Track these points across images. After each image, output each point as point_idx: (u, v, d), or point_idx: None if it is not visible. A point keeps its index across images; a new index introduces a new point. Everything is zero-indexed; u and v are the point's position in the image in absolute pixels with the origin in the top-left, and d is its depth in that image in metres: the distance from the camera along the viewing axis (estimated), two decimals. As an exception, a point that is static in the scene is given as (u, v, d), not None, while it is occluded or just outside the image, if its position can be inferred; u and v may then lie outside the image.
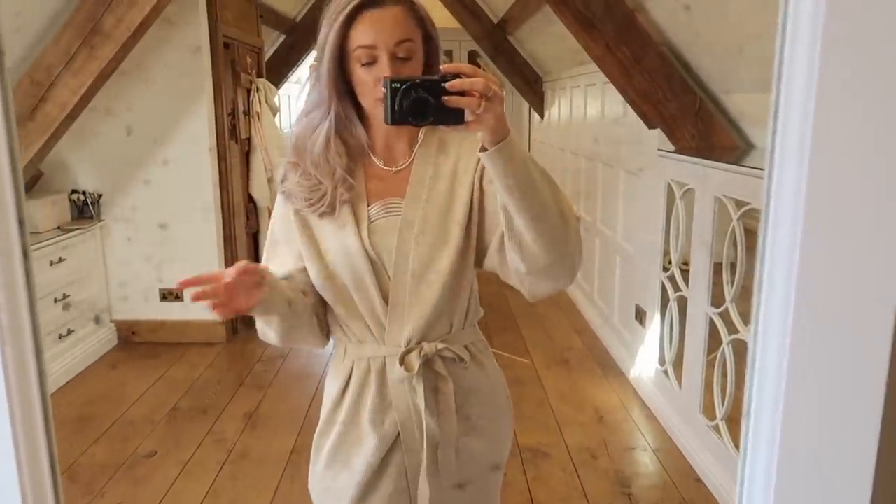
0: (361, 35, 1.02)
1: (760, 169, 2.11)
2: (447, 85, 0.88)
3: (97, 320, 3.68)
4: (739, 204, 2.27)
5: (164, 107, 3.68)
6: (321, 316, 1.18)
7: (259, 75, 4.43)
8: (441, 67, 0.92)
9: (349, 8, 1.02)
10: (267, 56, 5.03)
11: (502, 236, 1.04)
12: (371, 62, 1.03)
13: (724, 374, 2.35)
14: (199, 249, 3.83)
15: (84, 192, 3.71)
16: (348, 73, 1.06)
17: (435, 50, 1.10)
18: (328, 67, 1.05)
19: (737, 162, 2.38)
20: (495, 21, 5.27)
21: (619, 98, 3.03)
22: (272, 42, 5.34)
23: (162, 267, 3.85)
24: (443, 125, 0.92)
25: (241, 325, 4.05)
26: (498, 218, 1.05)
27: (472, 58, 6.74)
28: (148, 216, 3.80)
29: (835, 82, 0.41)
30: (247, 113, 4.15)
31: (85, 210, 3.72)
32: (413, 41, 1.04)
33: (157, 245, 3.83)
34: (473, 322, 1.19)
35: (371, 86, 1.04)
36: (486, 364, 1.20)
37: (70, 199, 3.69)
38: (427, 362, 1.11)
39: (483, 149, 0.92)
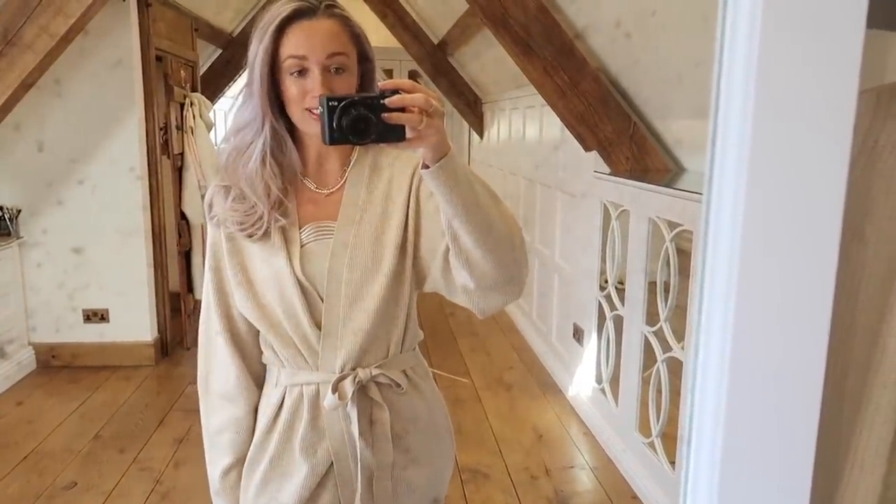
0: (292, 45, 1.00)
1: (692, 192, 2.18)
2: (387, 101, 0.85)
3: (2, 354, 3.43)
4: (672, 225, 2.33)
5: (84, 124, 3.53)
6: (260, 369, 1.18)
7: (194, 89, 4.32)
8: (379, 84, 0.88)
9: (280, 17, 0.99)
10: (202, 70, 4.91)
11: (445, 255, 1.01)
12: (301, 74, 1.00)
13: (659, 392, 2.40)
14: (122, 273, 3.67)
15: (2, 208, 3.51)
16: (279, 87, 1.03)
17: (371, 70, 1.08)
18: (259, 80, 1.02)
19: (669, 184, 2.45)
20: (435, 42, 5.31)
21: (557, 120, 3.08)
22: (208, 56, 5.22)
23: (80, 291, 3.67)
24: (383, 143, 0.88)
25: (171, 347, 3.90)
26: (436, 236, 1.03)
27: (413, 77, 6.77)
28: (61, 240, 3.62)
29: (770, 112, 0.41)
30: (180, 128, 4.03)
31: (2, 226, 3.52)
32: (346, 55, 1.02)
33: (70, 271, 3.65)
34: (412, 346, 1.16)
35: (299, 99, 1.01)
36: (426, 390, 1.17)
37: (-14, 215, 3.49)
38: (362, 389, 1.08)
39: (425, 166, 0.90)
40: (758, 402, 0.43)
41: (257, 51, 1.01)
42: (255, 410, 1.16)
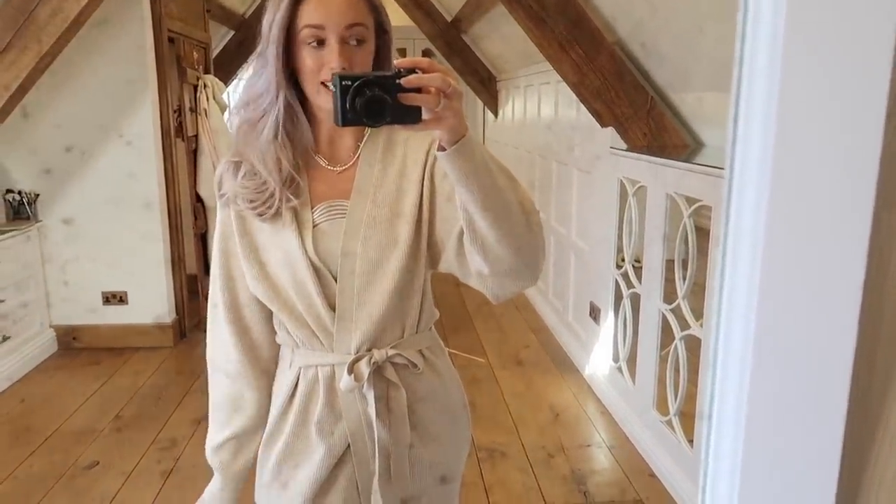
0: (310, 14, 0.96)
1: (711, 166, 2.14)
2: (403, 81, 0.80)
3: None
4: (690, 201, 2.29)
5: (98, 107, 3.53)
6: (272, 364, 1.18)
7: (206, 71, 4.31)
8: (395, 62, 0.84)
9: None
10: (215, 52, 4.90)
11: (460, 237, 0.99)
12: (318, 45, 0.97)
13: (677, 370, 2.38)
14: (140, 256, 3.70)
15: (20, 192, 3.54)
16: (294, 59, 1.00)
17: (388, 44, 1.04)
18: (275, 50, 0.98)
19: (687, 160, 2.41)
20: (449, 19, 5.25)
21: (573, 96, 3.03)
22: (220, 38, 5.20)
23: (99, 273, 3.70)
24: (398, 125, 0.84)
25: (189, 329, 3.93)
26: (451, 217, 1.00)
27: (427, 56, 6.70)
28: (80, 224, 3.65)
29: (798, 71, 0.39)
30: (193, 110, 4.03)
31: (21, 211, 3.55)
32: (365, 27, 0.99)
33: (89, 254, 3.68)
34: (428, 325, 1.14)
35: (315, 70, 0.98)
36: (442, 369, 1.15)
37: (5, 200, 3.52)
38: (378, 369, 1.06)
39: (441, 148, 0.86)
40: (784, 379, 0.41)
41: (273, 19, 0.98)
42: (260, 394, 1.15)
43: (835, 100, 0.37)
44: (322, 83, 0.98)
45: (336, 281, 1.04)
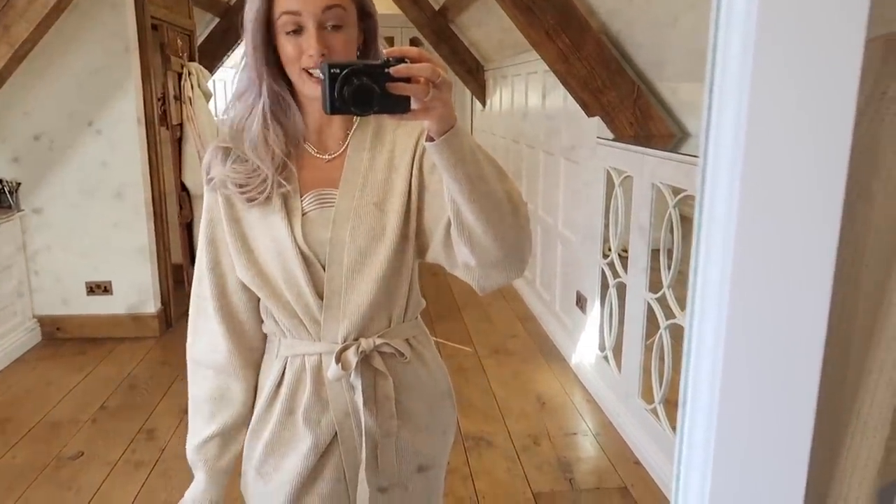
0: (286, 1, 0.96)
1: (696, 156, 2.14)
2: (392, 70, 0.80)
3: None
4: (676, 191, 2.30)
5: (79, 95, 3.48)
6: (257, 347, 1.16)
7: (191, 59, 4.26)
8: (384, 51, 0.84)
9: None
10: (200, 40, 4.84)
11: (447, 228, 0.99)
12: (297, 32, 0.97)
13: (662, 359, 2.39)
14: (125, 245, 3.66)
15: (1, 181, 3.49)
16: (277, 48, 0.99)
17: (373, 28, 1.04)
18: (254, 40, 0.98)
19: (673, 150, 2.41)
20: (437, 8, 5.22)
21: (560, 86, 3.03)
22: (205, 25, 5.14)
23: (83, 263, 3.67)
24: (387, 114, 0.84)
25: (175, 319, 3.91)
26: (439, 207, 1.00)
27: (414, 45, 6.66)
28: (63, 213, 3.61)
29: (770, 62, 0.38)
30: (178, 98, 3.99)
31: (2, 199, 3.50)
32: (343, 8, 0.98)
33: (72, 243, 3.64)
34: (415, 315, 1.14)
35: (295, 58, 0.98)
36: (428, 358, 1.16)
37: (-15, 188, 3.48)
38: (365, 358, 1.06)
39: (429, 138, 0.86)
40: (755, 369, 0.41)
41: (251, 10, 0.98)
42: (247, 385, 1.14)
43: (807, 87, 0.37)
44: (304, 70, 0.97)
45: (324, 269, 1.04)
